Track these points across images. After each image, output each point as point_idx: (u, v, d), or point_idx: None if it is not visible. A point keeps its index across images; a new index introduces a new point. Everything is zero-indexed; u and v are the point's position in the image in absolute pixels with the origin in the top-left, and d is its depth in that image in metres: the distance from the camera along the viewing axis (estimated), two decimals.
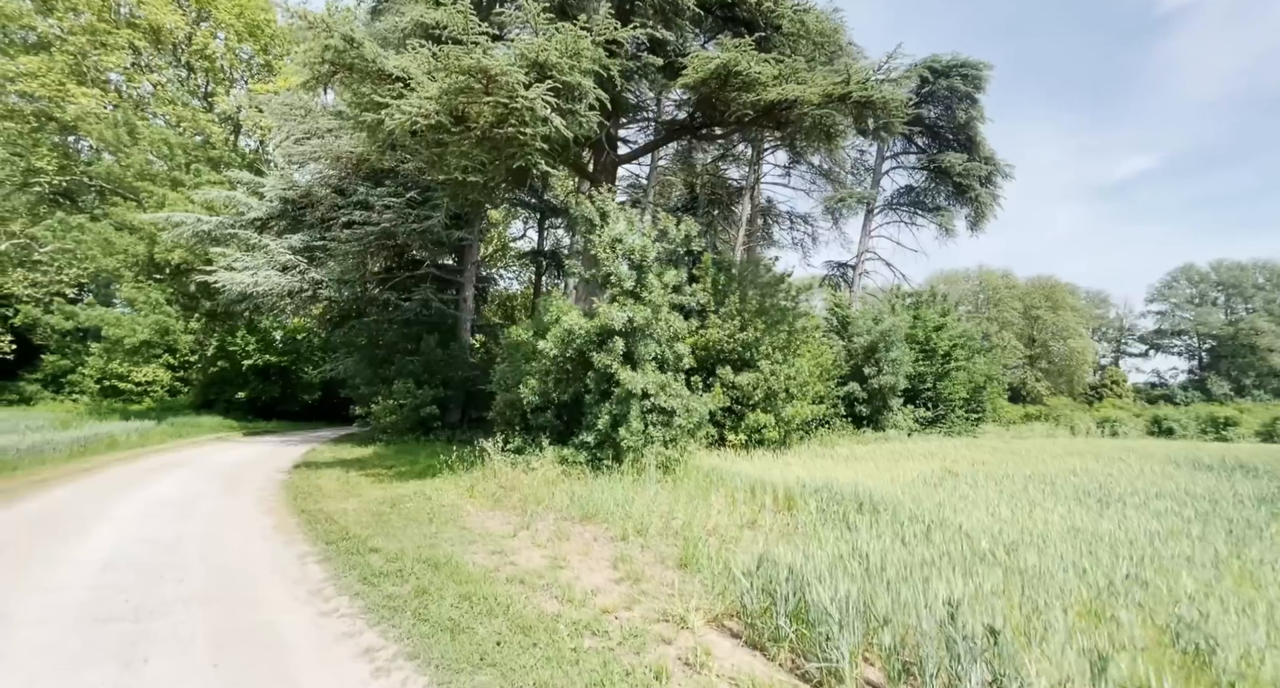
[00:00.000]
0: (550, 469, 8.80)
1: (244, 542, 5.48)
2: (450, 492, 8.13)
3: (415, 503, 7.37)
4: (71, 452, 11.48)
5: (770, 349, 10.63)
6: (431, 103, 7.13)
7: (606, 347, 8.79)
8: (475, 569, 4.82)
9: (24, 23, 24.59)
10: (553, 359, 8.86)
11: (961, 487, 6.90)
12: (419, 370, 15.64)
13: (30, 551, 4.84)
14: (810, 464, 9.41)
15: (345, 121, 14.58)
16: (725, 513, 6.68)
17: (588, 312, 8.97)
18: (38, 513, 6.31)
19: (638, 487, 8.01)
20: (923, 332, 17.08)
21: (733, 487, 7.83)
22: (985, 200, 18.57)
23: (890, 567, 3.64)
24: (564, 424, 9.85)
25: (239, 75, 29.49)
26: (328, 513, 6.71)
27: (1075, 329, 46.45)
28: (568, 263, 10.01)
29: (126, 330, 20.43)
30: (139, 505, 6.88)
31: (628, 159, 14.06)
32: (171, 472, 9.85)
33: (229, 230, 15.29)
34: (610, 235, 8.86)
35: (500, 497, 7.77)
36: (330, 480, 9.31)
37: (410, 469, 10.41)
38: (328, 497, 7.82)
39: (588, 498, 7.26)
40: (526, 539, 5.93)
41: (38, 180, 25.67)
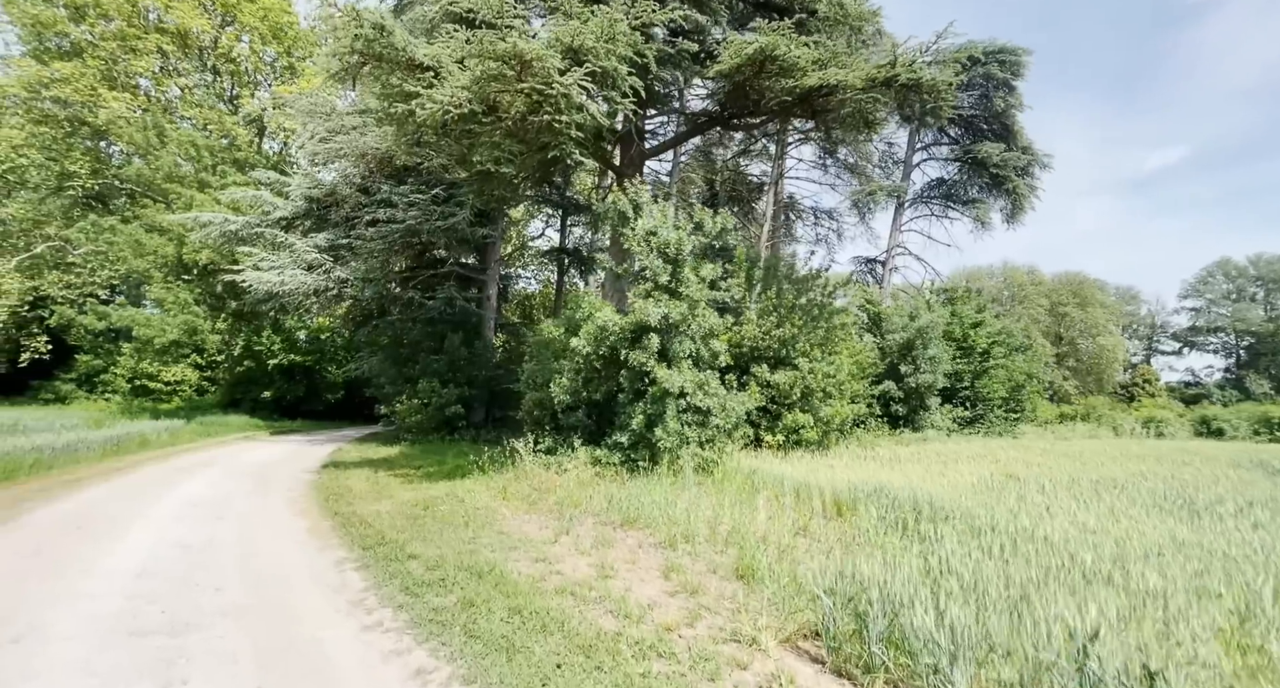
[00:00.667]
0: (583, 471, 8.52)
1: (279, 547, 5.28)
2: (482, 494, 7.89)
3: (448, 506, 7.14)
4: (105, 451, 11.54)
5: (807, 347, 10.20)
6: (463, 92, 6.88)
7: (641, 344, 8.47)
8: (521, 579, 4.54)
9: (58, 29, 25.12)
10: (585, 357, 8.57)
11: (1029, 493, 6.44)
12: (443, 369, 15.51)
13: (64, 555, 4.69)
14: (853, 467, 8.98)
15: (370, 118, 14.49)
16: (774, 518, 6.31)
17: (621, 308, 8.66)
18: (72, 514, 6.20)
19: (676, 489, 7.69)
20: (959, 328, 16.42)
21: (777, 490, 7.46)
22: (1023, 192, 17.84)
23: (988, 586, 3.25)
24: (596, 424, 9.56)
25: (263, 78, 29.83)
26: (361, 516, 6.51)
27: (1105, 326, 44.89)
28: (598, 258, 9.69)
29: (156, 330, 20.72)
30: (172, 506, 6.75)
31: (656, 152, 13.74)
32: (202, 471, 9.79)
33: (255, 230, 15.32)
34: (644, 228, 8.53)
35: (535, 499, 7.50)
36: (359, 481, 9.15)
37: (438, 470, 10.22)
38: (359, 498, 7.63)
39: (626, 501, 6.95)
40: (568, 545, 5.64)
41: (71, 184, 26.25)
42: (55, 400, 26.04)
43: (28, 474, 8.79)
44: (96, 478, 8.84)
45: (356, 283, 14.52)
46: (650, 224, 8.54)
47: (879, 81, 8.78)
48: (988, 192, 18.82)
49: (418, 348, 16.00)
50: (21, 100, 25.05)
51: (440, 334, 16.02)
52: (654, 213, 8.81)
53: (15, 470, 8.66)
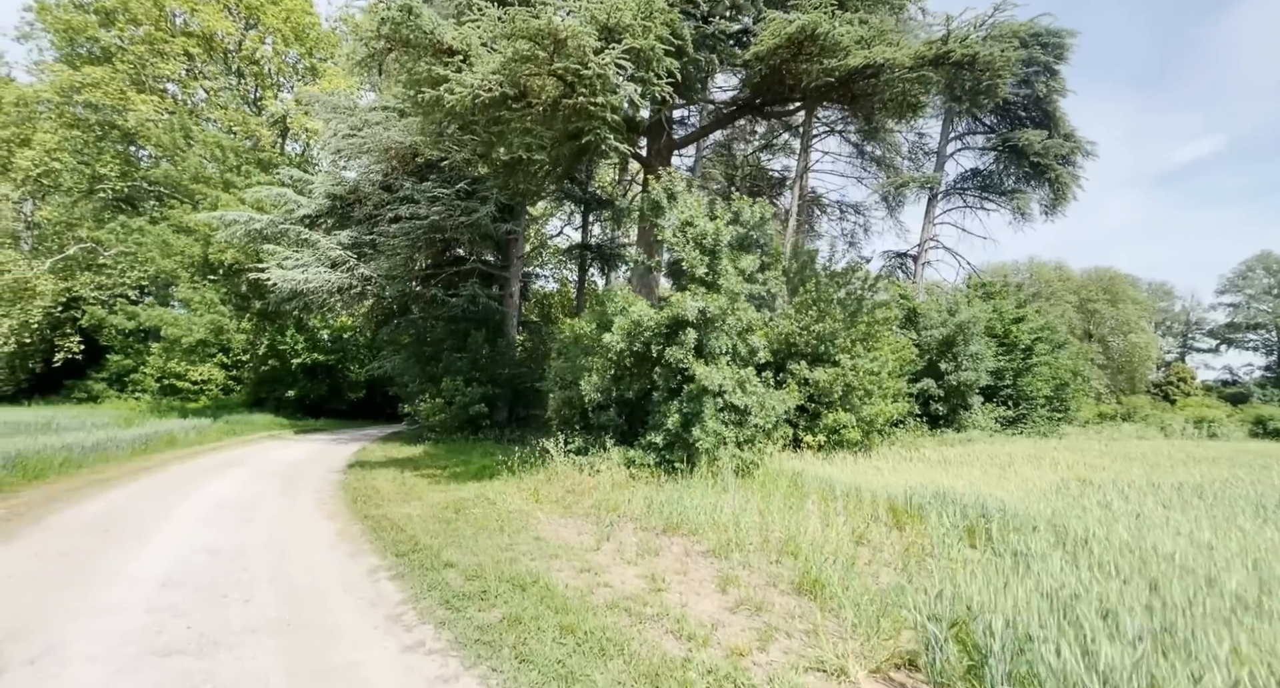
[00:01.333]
0: (616, 472, 8.16)
1: (309, 553, 5.00)
2: (514, 496, 7.57)
3: (480, 509, 6.82)
4: (134, 449, 11.51)
5: (847, 342, 9.69)
6: (494, 76, 6.54)
7: (677, 339, 8.08)
8: (567, 592, 4.18)
9: (89, 34, 25.56)
10: (619, 354, 8.20)
11: (1112, 499, 5.89)
12: (466, 368, 15.30)
13: (88, 561, 4.46)
14: (902, 469, 8.47)
15: (393, 114, 14.31)
16: (828, 526, 5.87)
17: (656, 302, 8.27)
18: (98, 516, 6.02)
19: (717, 492, 7.28)
20: (1000, 324, 15.67)
21: (825, 494, 7.00)
22: (1065, 181, 16.99)
23: (1119, 616, 2.79)
24: (627, 423, 9.19)
25: (285, 80, 30.07)
26: (391, 519, 6.22)
27: (1137, 323, 43.16)
28: (629, 251, 9.31)
29: (184, 330, 20.92)
30: (200, 508, 6.55)
31: (684, 143, 13.30)
32: (229, 471, 9.66)
33: (279, 228, 15.27)
34: (680, 218, 8.13)
35: (569, 502, 7.16)
36: (386, 481, 8.91)
37: (465, 470, 9.95)
38: (388, 500, 7.37)
39: (666, 505, 6.57)
40: (612, 553, 5.27)
41: (102, 187, 26.74)
42: (88, 399, 26.55)
43: (58, 473, 8.73)
44: (125, 477, 8.74)
45: (380, 280, 14.37)
46: (686, 214, 8.13)
47: (929, 60, 8.24)
48: (1026, 181, 18.00)
49: (440, 346, 15.83)
50: (54, 105, 25.58)
51: (463, 332, 15.82)
52: (689, 203, 8.40)
53: (46, 469, 8.59)
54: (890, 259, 21.88)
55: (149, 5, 25.29)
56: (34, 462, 8.63)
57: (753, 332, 8.60)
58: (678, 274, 9.00)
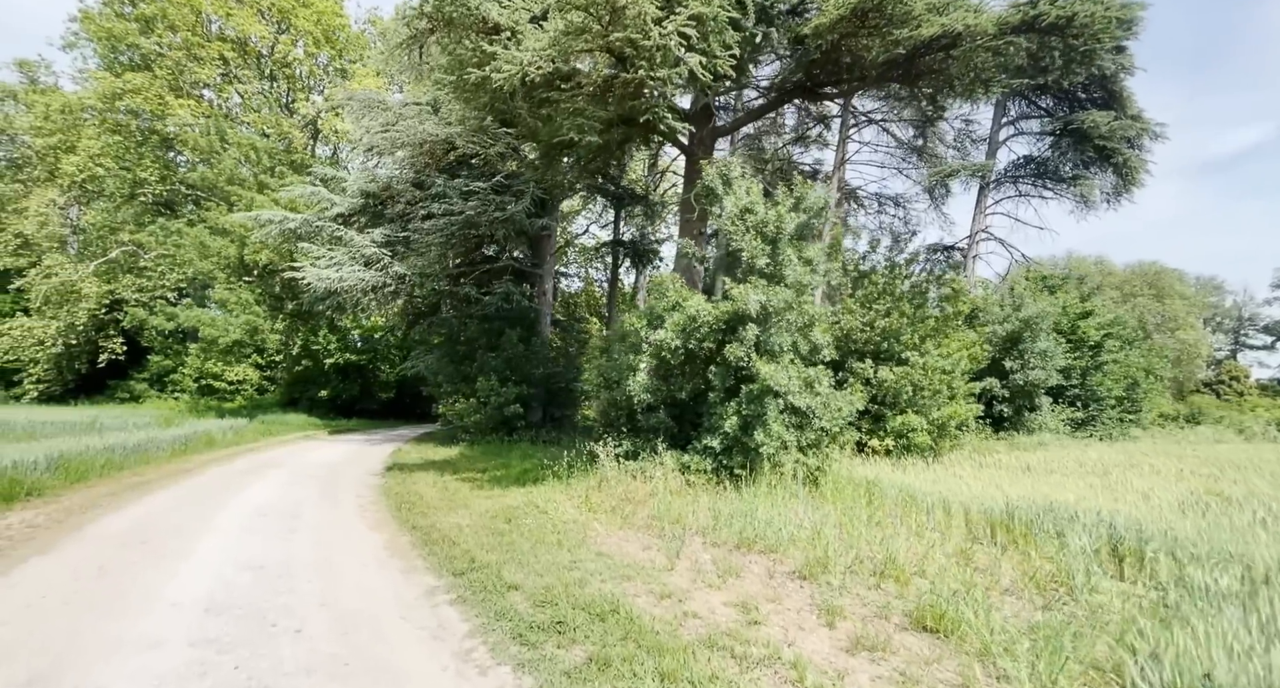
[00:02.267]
0: (670, 478, 7.61)
1: (359, 570, 4.57)
2: (564, 504, 7.08)
3: (532, 519, 6.34)
4: (173, 450, 11.41)
5: (915, 339, 8.94)
6: (545, 50, 6.04)
7: (736, 336, 7.49)
8: (653, 624, 3.63)
9: (129, 41, 26.11)
10: (672, 351, 7.64)
11: (1267, 520, 5.09)
12: (501, 367, 14.93)
13: (125, 580, 4.10)
14: (984, 477, 7.72)
15: (425, 108, 14.02)
16: (922, 542, 5.21)
17: (714, 296, 7.69)
18: (138, 524, 5.72)
19: (786, 502, 6.67)
20: (1067, 319, 14.59)
21: (908, 505, 6.32)
22: (1134, 165, 15.79)
23: None
24: (679, 426, 8.62)
25: (316, 82, 30.36)
26: (441, 530, 5.78)
27: (1185, 320, 40.83)
28: (663, 247, 8.74)
29: (220, 330, 21.14)
30: (240, 515, 6.22)
31: (728, 130, 12.71)
32: (268, 473, 9.42)
33: (313, 226, 15.14)
34: (739, 205, 7.53)
35: (626, 512, 6.63)
36: (428, 486, 8.53)
37: (506, 474, 9.52)
38: (433, 508, 6.95)
39: (735, 517, 5.98)
40: (688, 574, 4.72)
41: (143, 191, 27.35)
42: (130, 399, 27.19)
43: (99, 475, 8.57)
44: (165, 480, 8.55)
45: (414, 278, 14.09)
46: (745, 200, 7.53)
47: (1015, 25, 7.46)
48: (1088, 167, 16.83)
49: (474, 346, 15.50)
50: (98, 112, 26.23)
51: (497, 331, 15.47)
52: (747, 189, 7.80)
53: (87, 472, 8.44)
54: (935, 253, 20.81)
55: (186, 11, 25.72)
56: (76, 464, 8.49)
57: (814, 327, 7.95)
58: (731, 266, 8.40)
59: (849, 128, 21.47)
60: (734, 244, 7.43)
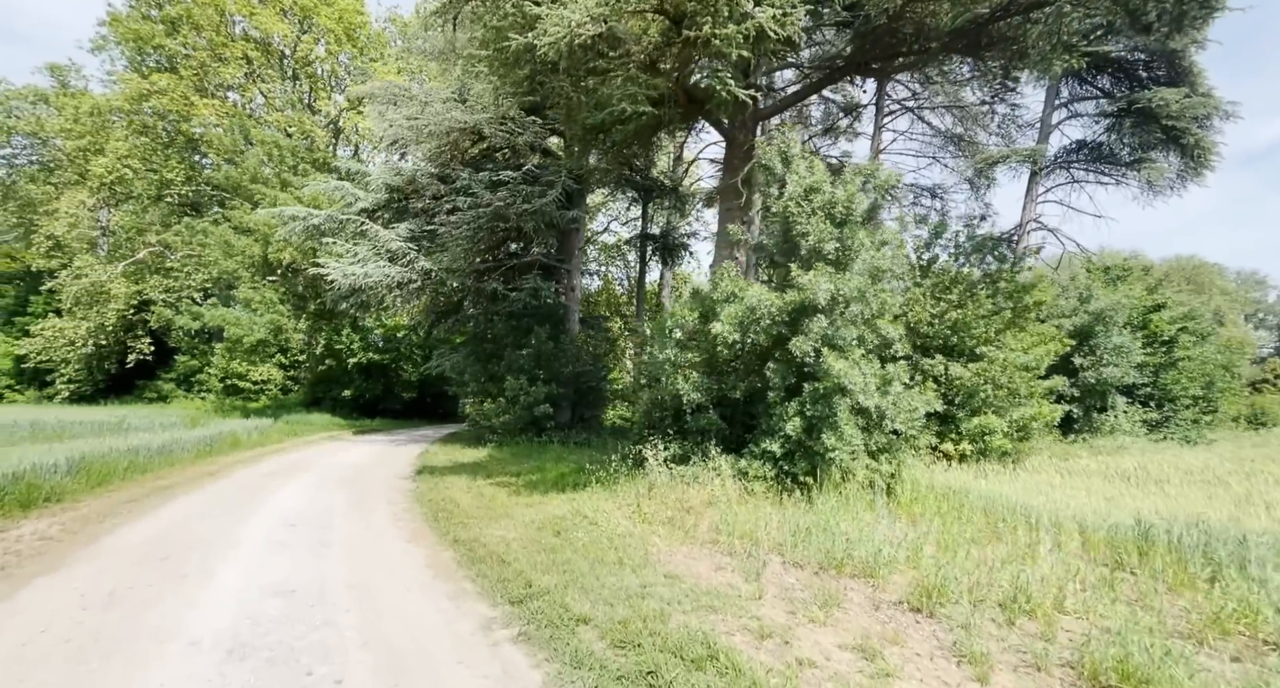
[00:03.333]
0: (728, 486, 6.93)
1: (402, 595, 3.98)
2: (614, 514, 6.45)
3: (584, 532, 5.72)
4: (198, 451, 11.07)
5: (989, 332, 8.10)
6: (597, 8, 5.41)
7: (800, 328, 6.78)
8: (765, 676, 2.96)
9: (155, 43, 26.23)
10: (729, 346, 6.96)
11: None
12: (529, 366, 14.39)
13: (138, 610, 3.56)
14: (1081, 485, 6.90)
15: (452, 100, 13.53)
16: (1052, 570, 4.46)
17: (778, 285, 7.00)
18: (158, 536, 5.23)
19: (864, 515, 5.95)
20: (1136, 312, 13.49)
21: (1010, 520, 5.56)
22: (1205, 146, 14.64)
23: None
24: (731, 427, 7.93)
25: (338, 81, 30.29)
26: (486, 545, 5.18)
27: (1227, 316, 38.95)
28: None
29: (245, 330, 21.01)
30: (267, 526, 5.71)
31: (772, 112, 11.97)
32: (294, 476, 8.96)
33: (338, 221, 14.78)
34: (802, 185, 6.81)
35: (685, 525, 5.97)
36: (462, 492, 7.97)
37: (541, 478, 8.93)
38: (472, 517, 6.37)
39: (811, 531, 5.29)
40: (779, 603, 4.04)
41: (169, 191, 27.51)
42: (158, 399, 27.38)
43: (122, 479, 8.19)
44: (189, 484, 8.13)
45: (440, 274, 13.62)
46: (809, 179, 6.81)
47: None
48: (1149, 149, 15.68)
49: (501, 344, 14.97)
50: (125, 113, 26.42)
51: (524, 328, 14.93)
52: (810, 166, 7.08)
53: (110, 475, 8.05)
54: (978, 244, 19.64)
55: (210, 11, 25.75)
56: (98, 467, 8.11)
57: (881, 318, 7.20)
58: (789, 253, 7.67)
59: (884, 115, 20.49)
60: (798, 228, 6.72)
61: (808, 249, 6.68)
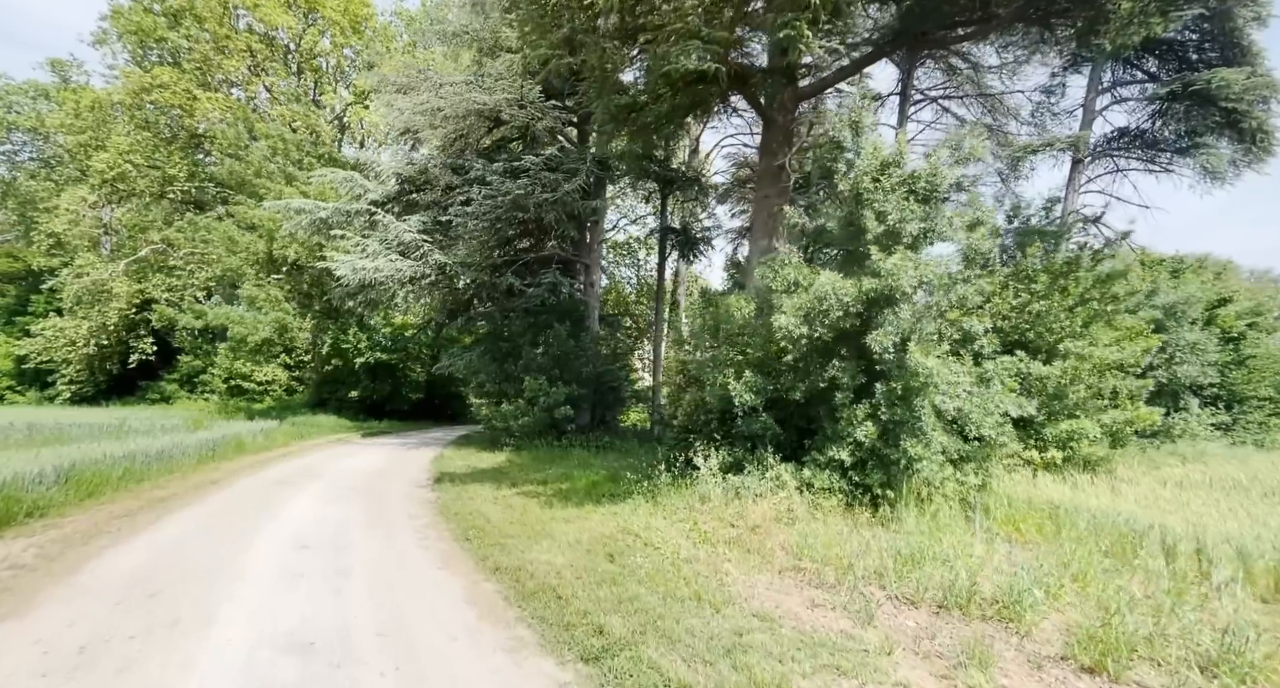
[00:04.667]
0: (793, 499, 6.13)
1: (445, 646, 3.20)
2: (667, 531, 5.66)
3: (642, 556, 4.93)
4: (200, 457, 10.32)
5: (1074, 326, 7.26)
6: None
7: (875, 321, 5.99)
8: None
9: (158, 35, 25.59)
10: (794, 341, 6.16)
11: None
12: (548, 365, 13.61)
13: (114, 677, 2.78)
14: (1204, 498, 6.07)
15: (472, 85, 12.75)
16: (1230, 610, 3.66)
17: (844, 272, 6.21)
18: (147, 565, 4.47)
19: (961, 535, 5.15)
20: (1203, 308, 12.60)
21: (1146, 545, 4.74)
22: (1269, 130, 13.76)
23: None
24: (786, 432, 7.12)
25: (343, 75, 29.61)
26: (533, 574, 4.39)
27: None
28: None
29: (249, 328, 20.30)
30: (276, 550, 4.94)
31: (813, 92, 11.14)
32: (303, 485, 8.21)
33: (345, 213, 14.04)
34: (878, 158, 6.02)
35: (754, 546, 5.18)
36: (488, 502, 7.19)
37: (572, 488, 8.15)
38: (508, 536, 5.58)
39: (916, 558, 4.49)
40: (914, 660, 3.24)
41: (172, 188, 26.88)
42: (161, 400, 26.73)
43: (115, 489, 7.44)
44: (188, 494, 7.38)
45: (455, 268, 12.85)
46: (886, 151, 6.01)
47: None
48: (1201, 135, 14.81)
49: (517, 342, 14.19)
50: (127, 107, 25.78)
51: (542, 325, 14.15)
52: (891, 139, 6.28)
53: (102, 485, 7.30)
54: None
55: (213, 3, 25.10)
56: (89, 475, 7.36)
57: (958, 309, 6.39)
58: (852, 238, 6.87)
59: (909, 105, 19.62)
60: (874, 207, 5.91)
61: (884, 231, 5.87)
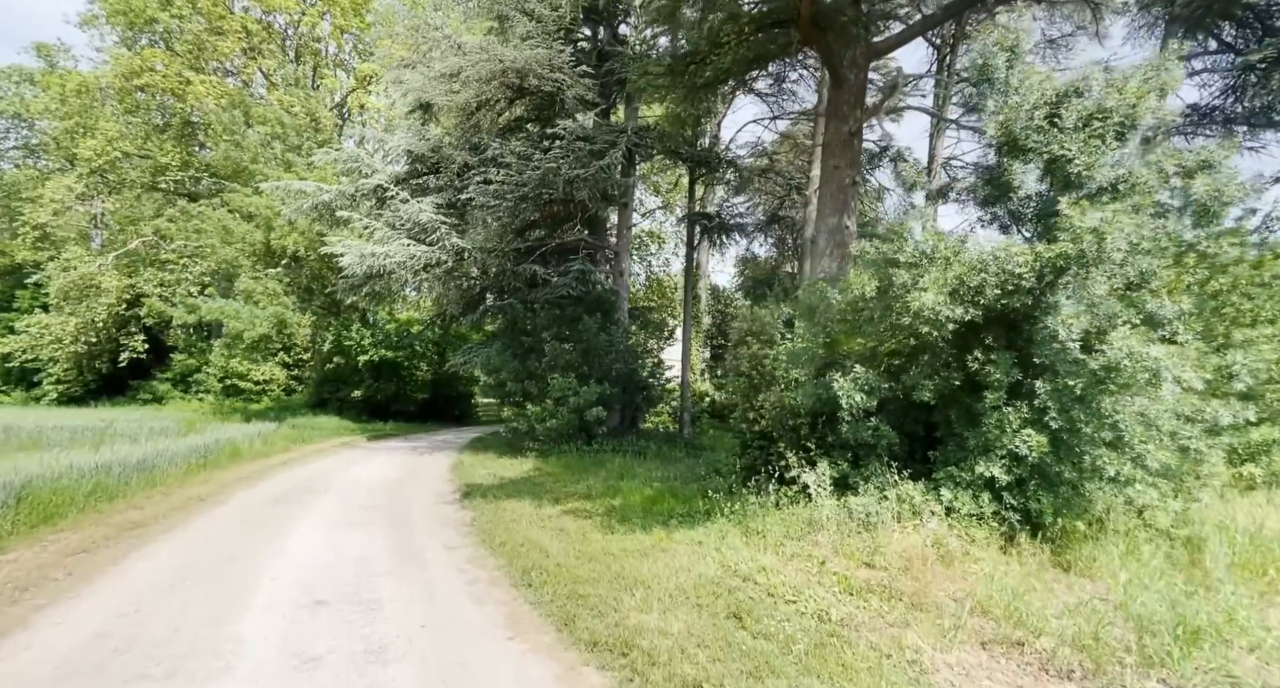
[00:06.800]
0: (940, 530, 4.82)
1: None
2: (786, 571, 4.35)
3: (780, 616, 3.61)
4: (189, 466, 8.98)
5: (1272, 309, 5.99)
6: None
7: (1042, 301, 4.68)
8: None
9: (149, 15, 24.16)
10: (938, 324, 4.83)
11: None
12: (577, 362, 12.28)
13: None
14: None
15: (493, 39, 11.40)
16: None
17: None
18: (96, 642, 3.14)
19: (1188, 581, 3.84)
20: None
21: None
22: None
23: None
24: (903, 440, 5.80)
25: (345, 58, 28.21)
26: (649, 652, 3.06)
27: None
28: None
29: (246, 324, 18.92)
30: (278, 608, 3.62)
31: (886, 50, 9.84)
32: (309, 504, 6.87)
33: (351, 194, 12.69)
34: (1050, 89, 4.69)
35: (919, 599, 3.86)
36: (534, 526, 5.86)
37: (624, 504, 6.84)
38: (582, 581, 4.25)
39: (1185, 629, 3.18)
40: None
41: (164, 178, 25.47)
42: (153, 400, 25.36)
43: (81, 510, 6.11)
44: (169, 518, 6.04)
45: (474, 255, 11.50)
46: (1058, 81, 4.69)
47: None
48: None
49: (541, 336, 12.83)
50: (116, 91, 24.34)
51: (569, 318, 12.81)
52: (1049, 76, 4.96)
53: (64, 506, 5.97)
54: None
55: None
56: (48, 494, 6.03)
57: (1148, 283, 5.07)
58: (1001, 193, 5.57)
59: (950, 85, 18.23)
60: (1052, 151, 4.59)
61: (1066, 179, 4.55)
